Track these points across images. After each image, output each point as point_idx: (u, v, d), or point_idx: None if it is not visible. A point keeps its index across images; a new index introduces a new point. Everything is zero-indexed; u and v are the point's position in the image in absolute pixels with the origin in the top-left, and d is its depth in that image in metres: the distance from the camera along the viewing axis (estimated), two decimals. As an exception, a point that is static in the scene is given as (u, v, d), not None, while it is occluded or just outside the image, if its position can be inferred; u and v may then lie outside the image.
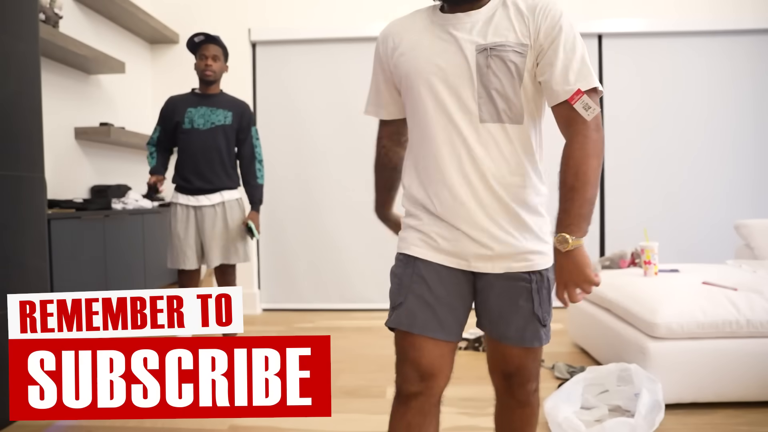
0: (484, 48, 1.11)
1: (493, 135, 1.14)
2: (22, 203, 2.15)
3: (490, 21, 1.12)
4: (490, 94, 1.12)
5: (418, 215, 1.22)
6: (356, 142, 4.05)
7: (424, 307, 1.19)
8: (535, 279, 1.18)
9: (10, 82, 2.10)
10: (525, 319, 1.19)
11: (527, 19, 1.11)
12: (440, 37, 1.15)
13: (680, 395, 2.04)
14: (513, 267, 1.17)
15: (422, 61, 1.16)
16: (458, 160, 1.14)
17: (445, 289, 1.19)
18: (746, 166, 4.04)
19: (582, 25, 3.96)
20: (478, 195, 1.15)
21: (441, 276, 1.19)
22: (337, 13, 4.07)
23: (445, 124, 1.15)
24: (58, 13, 2.84)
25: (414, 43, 1.19)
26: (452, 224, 1.17)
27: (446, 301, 1.20)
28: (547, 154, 1.29)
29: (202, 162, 2.59)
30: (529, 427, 1.35)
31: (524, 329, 1.19)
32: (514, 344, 1.22)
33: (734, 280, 2.31)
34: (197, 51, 2.61)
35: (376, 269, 4.08)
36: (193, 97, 2.66)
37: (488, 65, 1.11)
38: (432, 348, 1.20)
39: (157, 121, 2.68)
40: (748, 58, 4.00)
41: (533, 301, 1.18)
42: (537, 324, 1.19)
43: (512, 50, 1.10)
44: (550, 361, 2.67)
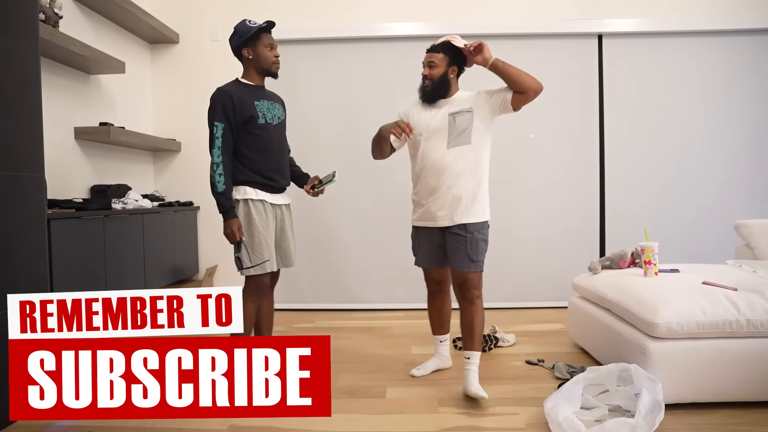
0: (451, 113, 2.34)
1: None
2: (22, 203, 2.15)
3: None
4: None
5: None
6: (357, 142, 4.05)
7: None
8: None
9: (10, 82, 2.10)
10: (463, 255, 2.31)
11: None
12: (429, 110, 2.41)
13: (680, 395, 2.04)
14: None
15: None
16: None
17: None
18: (746, 165, 4.04)
19: (582, 25, 3.96)
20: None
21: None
22: (338, 14, 4.07)
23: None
24: (58, 13, 2.84)
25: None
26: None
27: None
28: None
29: (281, 159, 2.44)
30: (476, 318, 2.32)
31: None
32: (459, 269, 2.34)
33: (734, 280, 2.30)
34: (259, 37, 2.34)
35: (376, 269, 4.08)
36: (249, 89, 2.38)
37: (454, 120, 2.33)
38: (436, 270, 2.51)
39: (215, 118, 2.27)
40: (748, 58, 4.00)
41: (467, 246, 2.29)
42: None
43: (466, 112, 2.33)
44: (550, 361, 2.67)
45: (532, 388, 2.35)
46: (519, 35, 3.99)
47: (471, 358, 2.29)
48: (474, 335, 2.31)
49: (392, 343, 3.08)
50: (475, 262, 2.27)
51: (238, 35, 2.34)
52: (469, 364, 2.27)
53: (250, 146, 2.33)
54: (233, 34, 2.36)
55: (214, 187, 2.26)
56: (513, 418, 2.04)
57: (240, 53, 2.37)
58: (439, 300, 2.58)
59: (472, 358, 2.29)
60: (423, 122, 2.35)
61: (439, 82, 2.33)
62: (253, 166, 2.33)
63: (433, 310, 2.60)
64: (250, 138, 2.32)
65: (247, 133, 2.32)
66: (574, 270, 3.70)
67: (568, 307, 3.00)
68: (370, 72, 4.06)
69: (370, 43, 4.05)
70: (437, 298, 2.58)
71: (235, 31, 2.36)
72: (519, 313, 3.84)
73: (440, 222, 2.33)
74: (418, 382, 2.47)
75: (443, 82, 2.34)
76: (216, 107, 2.28)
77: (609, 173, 4.06)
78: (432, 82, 2.33)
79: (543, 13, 4.01)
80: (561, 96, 4.01)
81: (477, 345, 2.31)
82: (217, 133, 2.27)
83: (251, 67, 2.38)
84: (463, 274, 2.30)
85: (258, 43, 2.33)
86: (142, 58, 4.07)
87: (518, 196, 4.05)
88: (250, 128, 2.31)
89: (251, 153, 2.33)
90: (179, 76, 4.19)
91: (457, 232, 2.29)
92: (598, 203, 4.07)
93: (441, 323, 2.61)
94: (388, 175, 3.89)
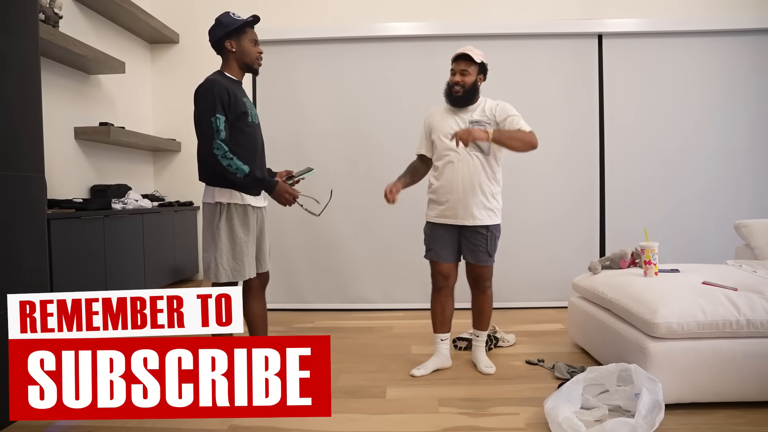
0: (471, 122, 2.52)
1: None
2: (22, 203, 2.15)
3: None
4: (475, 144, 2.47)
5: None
6: (356, 142, 4.05)
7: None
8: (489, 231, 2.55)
9: (10, 82, 2.10)
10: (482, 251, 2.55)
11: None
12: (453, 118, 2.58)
13: (680, 395, 2.04)
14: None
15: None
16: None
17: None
18: (746, 165, 4.04)
19: (582, 25, 3.96)
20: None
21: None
22: (337, 14, 4.07)
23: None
24: (58, 13, 2.84)
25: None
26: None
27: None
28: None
29: (263, 159, 2.35)
30: (487, 303, 2.63)
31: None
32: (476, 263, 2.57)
33: (734, 280, 2.30)
34: (245, 31, 2.25)
35: (376, 269, 4.08)
36: (234, 84, 2.25)
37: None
38: (447, 265, 2.61)
39: (216, 110, 2.11)
40: (748, 58, 4.00)
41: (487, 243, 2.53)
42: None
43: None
44: (550, 361, 2.67)
45: (532, 388, 2.35)
46: (519, 35, 3.99)
47: (479, 336, 2.66)
48: (483, 317, 2.64)
49: (392, 343, 3.08)
50: (491, 256, 2.55)
51: (222, 26, 2.22)
52: (477, 341, 2.66)
53: (240, 144, 2.20)
54: (216, 24, 2.25)
55: (238, 171, 2.12)
56: (513, 418, 2.04)
57: (222, 45, 2.25)
58: (444, 297, 2.63)
59: (481, 336, 2.65)
60: (446, 127, 2.53)
61: (470, 89, 2.51)
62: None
63: (437, 307, 2.64)
64: (240, 136, 2.21)
65: (238, 130, 2.20)
66: (574, 270, 3.70)
67: (568, 307, 3.00)
68: (370, 72, 4.06)
69: (370, 43, 4.04)
70: (442, 295, 2.63)
71: (218, 22, 2.24)
72: (519, 313, 3.84)
73: (461, 221, 2.52)
74: (418, 382, 2.47)
75: (473, 90, 2.52)
76: (213, 99, 2.11)
77: (609, 173, 4.06)
78: (464, 89, 2.50)
79: (543, 13, 4.02)
80: (561, 96, 4.01)
81: (486, 325, 2.66)
82: (220, 125, 2.11)
83: (233, 61, 2.27)
84: (480, 268, 2.56)
85: (243, 36, 2.25)
86: (142, 58, 4.07)
87: (518, 196, 4.05)
88: (242, 125, 2.21)
89: (241, 151, 2.19)
90: (179, 76, 4.19)
91: (479, 231, 2.51)
92: (598, 203, 4.07)
93: (443, 321, 2.65)
94: (388, 176, 3.88)
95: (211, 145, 2.12)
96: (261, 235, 2.38)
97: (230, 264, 2.21)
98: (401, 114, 3.93)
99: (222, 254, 2.20)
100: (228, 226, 2.21)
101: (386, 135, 3.95)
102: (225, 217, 2.21)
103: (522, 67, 4.02)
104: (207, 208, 2.25)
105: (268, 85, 4.11)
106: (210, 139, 2.12)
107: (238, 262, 2.21)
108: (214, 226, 2.21)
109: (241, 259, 2.22)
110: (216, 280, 2.21)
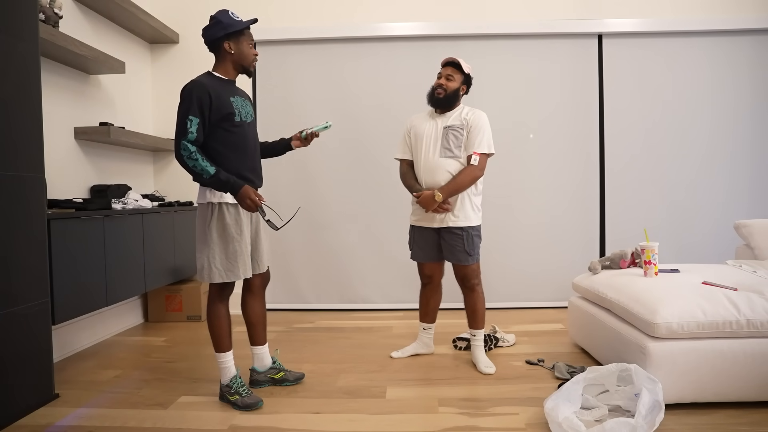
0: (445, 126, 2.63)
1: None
2: (22, 203, 2.15)
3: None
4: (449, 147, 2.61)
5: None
6: (355, 142, 4.05)
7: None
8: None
9: (10, 82, 2.10)
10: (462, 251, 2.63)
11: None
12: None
13: (680, 395, 2.04)
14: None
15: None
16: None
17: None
18: (746, 165, 4.04)
19: (582, 25, 3.97)
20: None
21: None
22: (336, 14, 4.07)
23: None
24: (58, 13, 2.84)
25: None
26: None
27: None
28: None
29: (255, 158, 2.33)
30: (478, 301, 2.70)
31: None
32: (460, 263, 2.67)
33: (734, 280, 2.30)
34: (244, 33, 2.24)
35: (375, 269, 4.08)
36: (223, 83, 2.23)
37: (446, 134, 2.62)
38: (428, 265, 2.78)
39: (190, 112, 2.09)
40: (748, 58, 4.00)
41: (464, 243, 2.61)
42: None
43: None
44: (550, 361, 2.67)
45: (532, 388, 2.35)
46: (519, 35, 3.99)
47: (476, 335, 2.72)
48: (477, 316, 2.71)
49: (392, 343, 3.07)
50: (471, 255, 2.61)
51: (222, 26, 2.18)
52: (475, 341, 2.72)
53: (227, 145, 2.18)
54: (215, 23, 2.20)
55: (203, 173, 2.10)
56: (513, 418, 2.04)
57: (219, 45, 2.21)
58: (429, 291, 2.85)
59: (477, 335, 2.72)
60: (424, 131, 2.65)
61: (451, 94, 2.62)
62: (228, 166, 2.18)
63: (423, 299, 2.88)
64: (226, 136, 2.18)
65: (223, 131, 2.17)
66: (574, 270, 3.70)
67: (568, 307, 3.00)
68: (369, 72, 4.06)
69: (369, 43, 4.04)
70: (427, 290, 2.85)
71: (217, 21, 2.19)
72: (519, 313, 3.84)
73: (438, 224, 2.62)
74: (418, 382, 2.47)
75: (454, 96, 2.63)
76: (191, 100, 2.09)
77: (609, 173, 4.06)
78: (446, 92, 2.61)
79: (543, 13, 4.01)
80: (561, 96, 4.02)
81: (480, 324, 2.72)
82: (191, 127, 2.09)
83: (229, 62, 2.25)
84: (462, 268, 2.64)
85: (242, 38, 2.23)
86: (142, 58, 4.07)
87: (518, 196, 4.05)
88: (227, 126, 2.17)
89: (227, 152, 2.18)
90: (179, 76, 4.19)
91: (454, 231, 2.60)
92: (598, 203, 4.07)
93: (427, 312, 2.88)
94: (388, 176, 3.89)
95: (179, 142, 2.10)
96: (257, 235, 2.36)
97: (223, 264, 2.19)
98: (401, 114, 3.93)
99: (215, 254, 2.18)
100: (220, 226, 2.19)
101: (385, 135, 3.95)
102: (217, 216, 2.19)
103: (522, 67, 4.02)
104: (200, 208, 2.25)
105: (268, 85, 4.11)
106: (180, 136, 2.10)
107: (231, 262, 2.20)
108: (206, 226, 2.21)
109: (234, 259, 2.20)
110: (210, 280, 2.20)
